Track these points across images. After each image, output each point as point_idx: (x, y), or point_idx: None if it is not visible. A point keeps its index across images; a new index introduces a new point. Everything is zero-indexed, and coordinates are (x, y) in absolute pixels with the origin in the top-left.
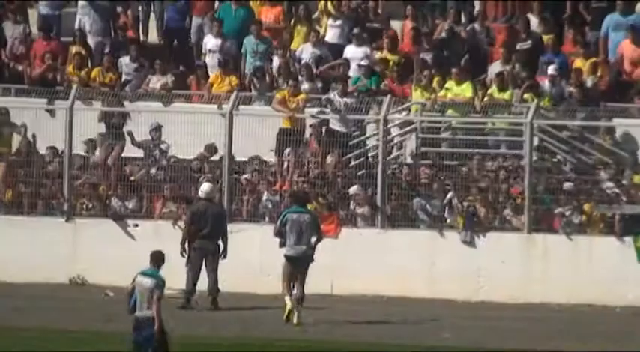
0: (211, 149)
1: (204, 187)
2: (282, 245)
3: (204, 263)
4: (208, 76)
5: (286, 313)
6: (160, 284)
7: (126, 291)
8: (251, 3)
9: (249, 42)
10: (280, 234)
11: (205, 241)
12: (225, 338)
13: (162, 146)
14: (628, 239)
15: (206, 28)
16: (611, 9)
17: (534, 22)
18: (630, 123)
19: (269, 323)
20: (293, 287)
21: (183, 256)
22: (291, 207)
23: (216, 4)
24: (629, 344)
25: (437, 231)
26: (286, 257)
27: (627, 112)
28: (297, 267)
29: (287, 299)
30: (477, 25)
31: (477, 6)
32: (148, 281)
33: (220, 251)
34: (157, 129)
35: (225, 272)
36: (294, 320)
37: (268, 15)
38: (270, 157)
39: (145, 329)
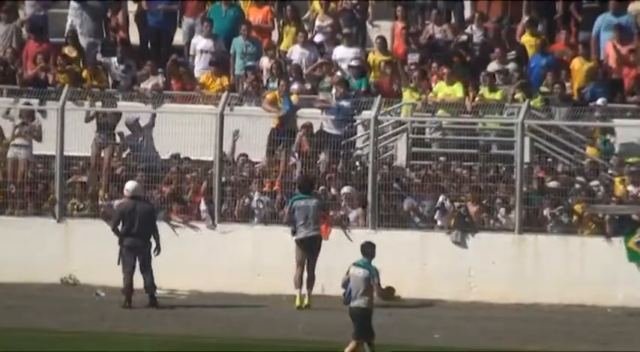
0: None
1: (129, 185)
2: (293, 232)
3: (137, 261)
4: (194, 77)
5: (297, 303)
6: (374, 273)
7: (342, 283)
8: (241, 3)
9: (238, 43)
10: (291, 221)
11: (134, 239)
12: (215, 337)
13: (144, 140)
14: (619, 239)
15: (197, 28)
16: (603, 9)
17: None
18: (626, 124)
19: (259, 323)
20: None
21: None
22: (297, 194)
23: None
24: (619, 344)
25: (428, 232)
26: (296, 241)
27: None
28: (307, 251)
29: (297, 292)
30: (474, 26)
31: (468, 7)
32: (360, 272)
33: (153, 248)
34: (135, 122)
35: (217, 272)
36: (305, 301)
37: (257, 15)
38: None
39: (359, 318)
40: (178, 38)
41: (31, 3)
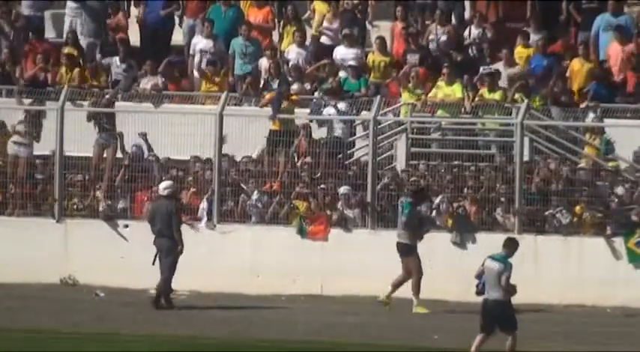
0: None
1: (161, 184)
2: None
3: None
4: (192, 77)
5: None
6: (508, 268)
7: (475, 274)
8: (241, 3)
9: (238, 43)
10: None
11: (158, 239)
12: (215, 338)
13: (151, 156)
14: (619, 239)
15: (197, 29)
16: (602, 9)
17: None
18: (622, 124)
19: (259, 323)
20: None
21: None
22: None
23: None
24: (619, 344)
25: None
26: None
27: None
28: (398, 254)
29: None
30: (473, 27)
31: (468, 7)
32: (495, 266)
33: (177, 247)
34: (143, 137)
35: (216, 272)
36: (381, 297)
37: (258, 15)
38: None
39: (491, 310)
40: (178, 38)
41: (28, 4)
